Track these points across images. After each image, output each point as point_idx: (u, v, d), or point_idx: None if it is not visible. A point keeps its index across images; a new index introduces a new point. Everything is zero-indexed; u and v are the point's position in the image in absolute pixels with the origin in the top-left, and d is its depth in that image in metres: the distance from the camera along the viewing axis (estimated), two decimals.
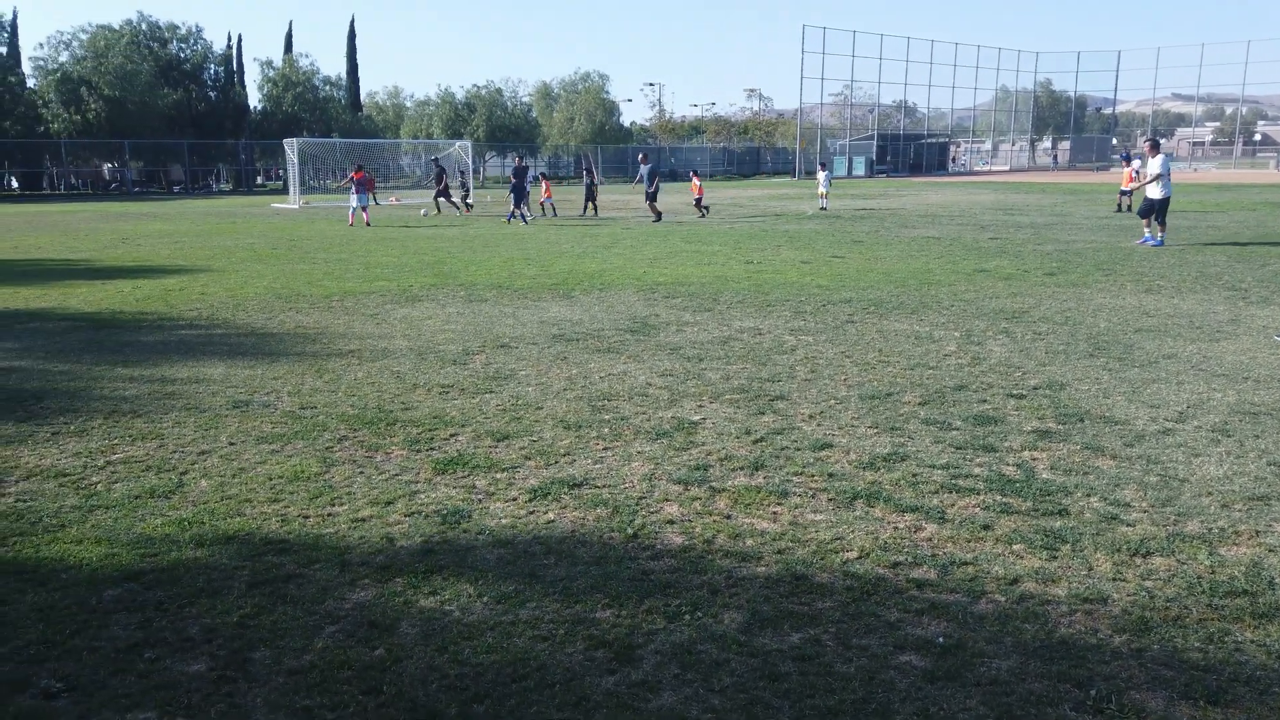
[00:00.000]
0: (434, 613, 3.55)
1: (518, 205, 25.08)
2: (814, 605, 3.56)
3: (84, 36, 50.80)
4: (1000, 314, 9.99)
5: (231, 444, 5.70)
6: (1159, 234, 17.01)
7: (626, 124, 79.49)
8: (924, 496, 4.68)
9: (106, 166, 55.67)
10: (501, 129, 66.44)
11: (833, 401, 6.52)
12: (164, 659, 3.23)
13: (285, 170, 57.59)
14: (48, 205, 38.53)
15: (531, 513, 4.55)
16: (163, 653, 3.27)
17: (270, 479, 5.06)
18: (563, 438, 5.76)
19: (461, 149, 38.89)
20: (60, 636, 3.38)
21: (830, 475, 5.00)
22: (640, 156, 27.01)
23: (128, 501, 4.73)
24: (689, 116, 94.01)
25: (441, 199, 29.66)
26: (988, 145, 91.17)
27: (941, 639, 3.28)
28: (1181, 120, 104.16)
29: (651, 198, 25.46)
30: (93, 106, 47.85)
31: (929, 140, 79.34)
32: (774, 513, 4.50)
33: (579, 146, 69.85)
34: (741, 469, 5.12)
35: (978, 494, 4.70)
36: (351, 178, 25.69)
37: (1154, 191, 16.81)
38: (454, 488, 4.91)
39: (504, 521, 4.45)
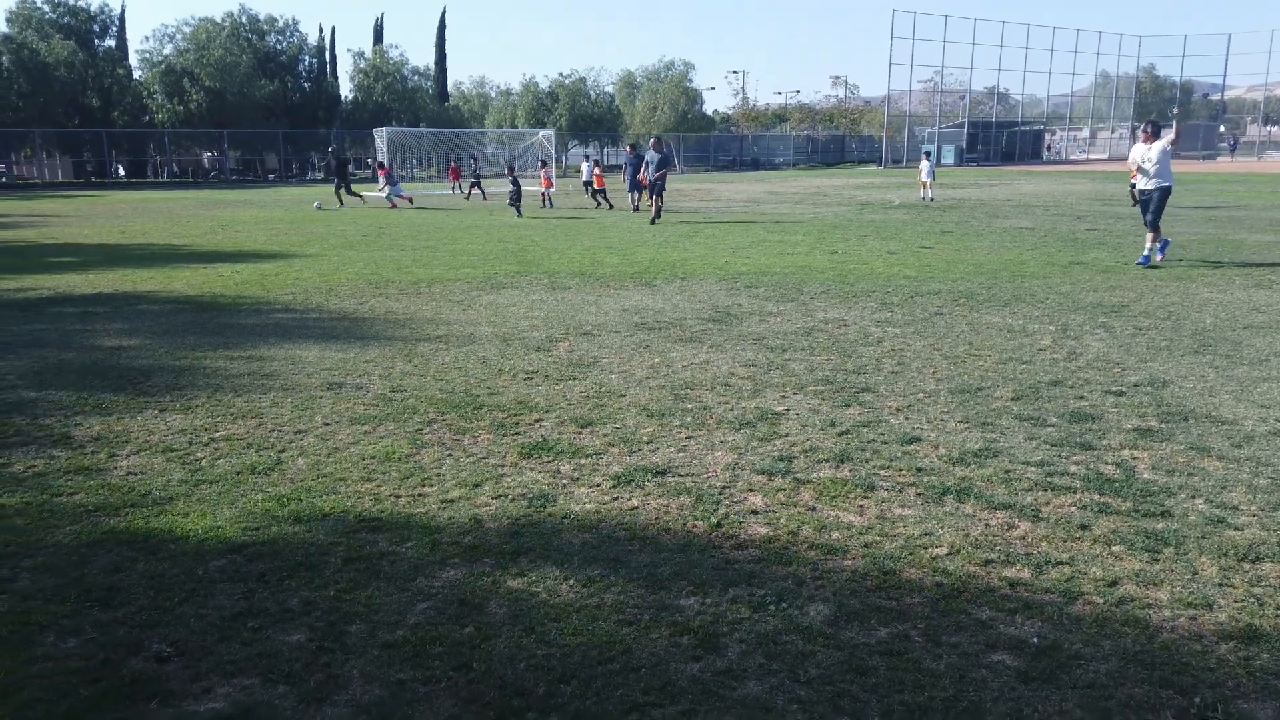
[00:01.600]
0: (521, 594, 3.61)
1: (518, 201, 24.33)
2: (902, 601, 3.51)
3: (187, 29, 52.87)
4: (1098, 308, 9.65)
5: (326, 424, 5.88)
6: (1149, 244, 13.07)
7: (709, 113, 79.03)
8: (1017, 494, 4.56)
9: (206, 155, 57.93)
10: (584, 118, 66.83)
11: (921, 395, 6.39)
12: (266, 629, 3.36)
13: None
14: (151, 192, 40.27)
15: (615, 499, 4.58)
16: (265, 622, 3.40)
17: (363, 459, 5.21)
18: (646, 425, 5.78)
19: (545, 138, 39.25)
20: (169, 604, 3.55)
21: (919, 470, 4.90)
22: (652, 142, 22.94)
23: (230, 477, 4.92)
24: (772, 104, 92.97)
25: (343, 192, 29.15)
26: (1085, 133, 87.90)
27: (1036, 639, 3.20)
28: None
29: (656, 190, 21.77)
30: (194, 97, 49.78)
31: (1023, 128, 76.91)
32: (860, 506, 4.44)
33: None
34: (826, 461, 5.07)
35: (1074, 492, 4.56)
36: (379, 174, 28.35)
37: (1145, 183, 13.24)
38: (539, 472, 4.98)
39: (588, 507, 4.49)
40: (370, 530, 4.23)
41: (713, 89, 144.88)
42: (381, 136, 35.53)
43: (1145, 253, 13.04)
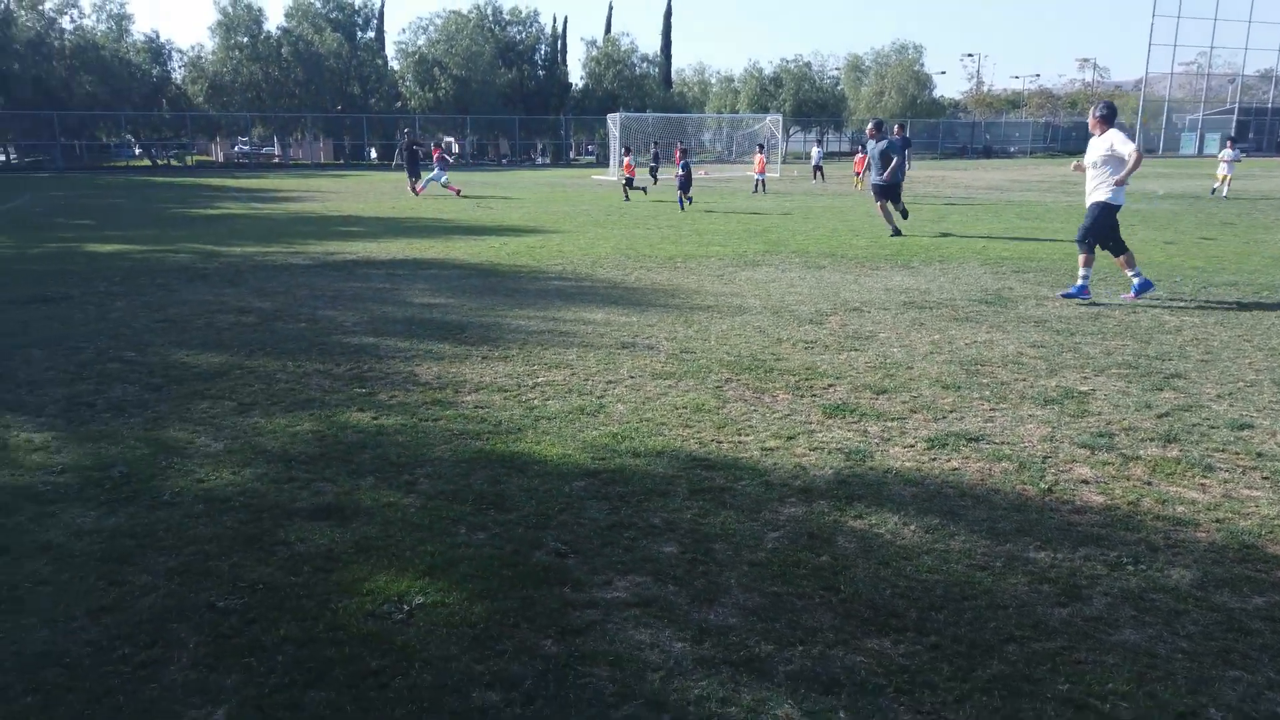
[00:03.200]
0: (865, 533, 3.81)
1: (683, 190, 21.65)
2: (1272, 574, 3.42)
3: (438, 21, 56.77)
4: None
5: (631, 377, 6.32)
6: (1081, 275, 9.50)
7: (944, 96, 75.96)
8: None
9: (447, 140, 62.08)
10: (808, 103, 66.05)
11: (1241, 384, 6.04)
12: (639, 539, 3.75)
13: (596, 145, 61.61)
14: (403, 174, 43.62)
15: (933, 460, 4.69)
16: (637, 535, 3.79)
17: (675, 408, 5.58)
18: (943, 396, 5.82)
19: (772, 123, 39.23)
20: (550, 513, 4.01)
21: (1259, 455, 4.68)
22: (869, 128, 15.67)
23: (563, 415, 5.43)
24: (1009, 89, 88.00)
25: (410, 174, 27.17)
26: None
27: None
28: None
29: (885, 192, 15.14)
30: (443, 85, 53.43)
31: None
32: (1201, 485, 4.31)
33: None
34: (1151, 440, 4.93)
35: None
36: (433, 154, 27.22)
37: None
38: (848, 431, 5.15)
39: (907, 465, 4.62)
40: (704, 468, 4.57)
41: (943, 73, 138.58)
42: (615, 122, 36.76)
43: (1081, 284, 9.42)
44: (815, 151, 33.08)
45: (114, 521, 3.91)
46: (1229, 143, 25.33)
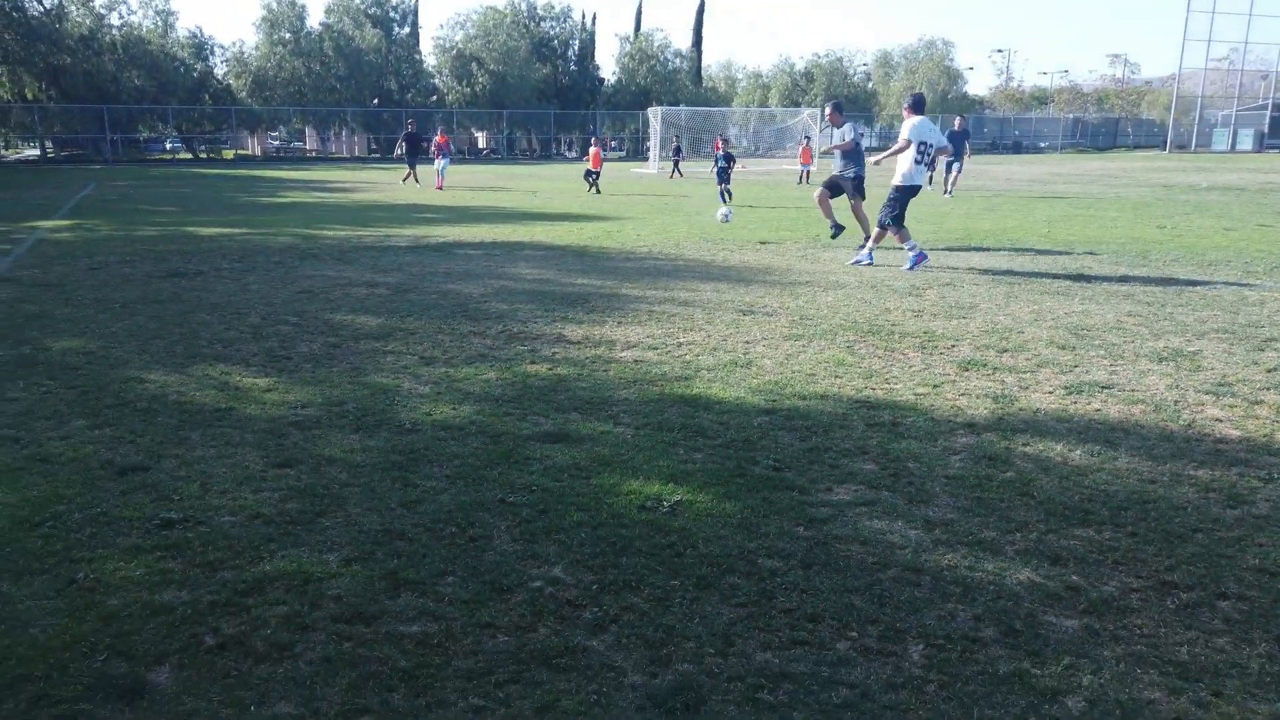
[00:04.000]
0: (1037, 456, 4.33)
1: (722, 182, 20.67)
2: None
3: (475, 17, 57.44)
4: None
5: (765, 338, 6.86)
6: (902, 242, 10.55)
7: (970, 93, 75.97)
8: None
9: (480, 134, 62.84)
10: (839, 98, 66.23)
11: None
12: (839, 459, 4.29)
13: (627, 140, 62.27)
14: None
15: (1074, 404, 5.20)
16: (835, 456, 4.33)
17: (817, 363, 6.12)
18: (1062, 355, 6.33)
19: (811, 117, 39.63)
20: (750, 439, 4.56)
21: None
22: (829, 112, 13.03)
23: (719, 368, 5.98)
24: (1038, 85, 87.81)
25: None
26: None
27: None
28: None
29: (856, 188, 12.07)
30: (480, 80, 54.12)
31: None
32: None
33: None
34: (1267, 389, 5.43)
35: None
36: (436, 142, 26.27)
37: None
38: (985, 381, 5.67)
39: (1052, 407, 5.14)
40: (868, 408, 5.10)
41: (972, 69, 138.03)
42: (656, 116, 37.34)
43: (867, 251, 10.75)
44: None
45: (375, 443, 4.50)
46: None
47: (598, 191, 23.85)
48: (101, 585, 3.09)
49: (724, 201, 19.79)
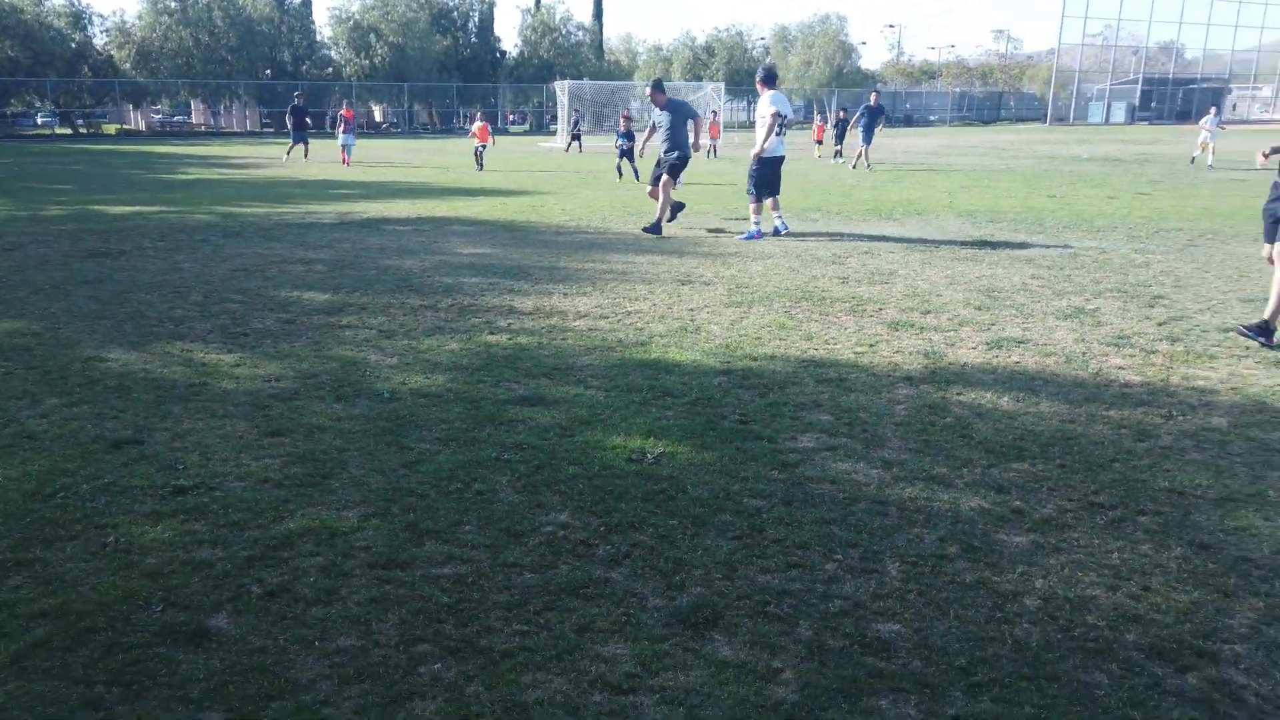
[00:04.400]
0: (970, 404, 4.82)
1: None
2: None
3: None
4: None
5: (706, 306, 7.23)
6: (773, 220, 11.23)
7: (863, 67, 77.87)
8: None
9: (378, 108, 61.37)
10: (740, 73, 67.02)
11: (1214, 301, 7.27)
12: (798, 412, 4.68)
13: (529, 114, 61.84)
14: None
15: (995, 357, 5.74)
16: (794, 409, 4.73)
17: (760, 327, 6.52)
18: (978, 315, 6.89)
19: (715, 90, 40.16)
20: (713, 397, 4.92)
21: (1247, 348, 5.87)
22: (650, 92, 11.85)
23: (671, 334, 6.32)
24: (927, 60, 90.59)
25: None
26: (1266, 92, 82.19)
27: None
28: None
29: (673, 170, 11.56)
30: (379, 51, 52.80)
31: (1201, 85, 72.69)
32: (1210, 368, 5.46)
33: (814, 91, 69.46)
34: (1160, 340, 6.08)
35: None
36: (342, 115, 25.28)
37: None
38: (915, 340, 6.17)
39: (976, 361, 5.66)
40: (815, 366, 5.53)
41: (864, 43, 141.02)
42: (563, 89, 37.24)
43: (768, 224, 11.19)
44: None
45: (359, 410, 4.69)
46: (1212, 110, 24.06)
47: (480, 167, 22.65)
48: (135, 547, 3.24)
49: (620, 177, 19.66)
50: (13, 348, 5.88)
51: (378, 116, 61.19)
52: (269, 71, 53.95)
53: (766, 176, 11.02)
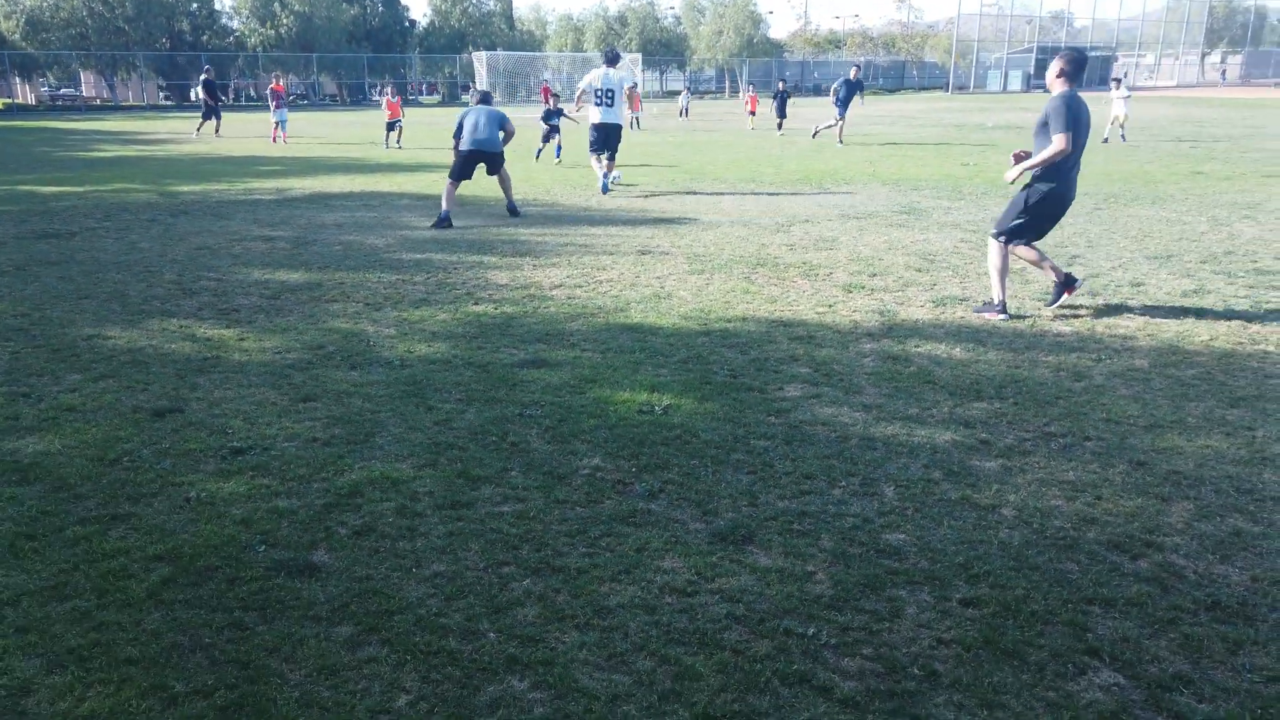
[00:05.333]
0: (928, 354, 5.42)
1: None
2: (1194, 359, 5.27)
3: None
4: (1235, 205, 11.16)
5: (671, 274, 7.70)
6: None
7: (771, 36, 78.93)
8: (1239, 312, 6.27)
9: (285, 80, 59.74)
10: (653, 43, 67.30)
11: (1124, 259, 8.07)
12: (779, 366, 5.20)
13: (441, 85, 61.05)
14: (248, 114, 42.10)
15: (942, 314, 6.37)
16: (775, 364, 5.24)
17: (725, 292, 7.02)
18: (920, 276, 7.53)
19: (631, 61, 40.39)
20: (700, 355, 5.40)
21: (1156, 300, 6.63)
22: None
23: (645, 300, 6.77)
24: (832, 30, 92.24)
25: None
26: (1150, 60, 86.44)
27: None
28: None
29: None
30: (284, 21, 51.31)
31: (1090, 53, 75.91)
32: (1128, 317, 6.19)
33: (725, 61, 70.17)
34: (1081, 294, 6.80)
35: None
36: (272, 89, 24.04)
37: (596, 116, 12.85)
38: (868, 300, 6.77)
39: (927, 317, 6.28)
40: (784, 326, 6.06)
41: (772, 13, 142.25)
42: (481, 61, 36.99)
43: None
44: (684, 94, 35.40)
45: (376, 377, 5.02)
46: (1116, 84, 22.51)
47: (399, 145, 21.81)
48: (217, 500, 3.57)
49: (537, 159, 18.32)
50: (8, 329, 5.99)
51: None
52: (167, 42, 51.96)
53: (600, 138, 12.86)
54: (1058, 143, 5.97)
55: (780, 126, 25.94)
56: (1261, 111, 34.32)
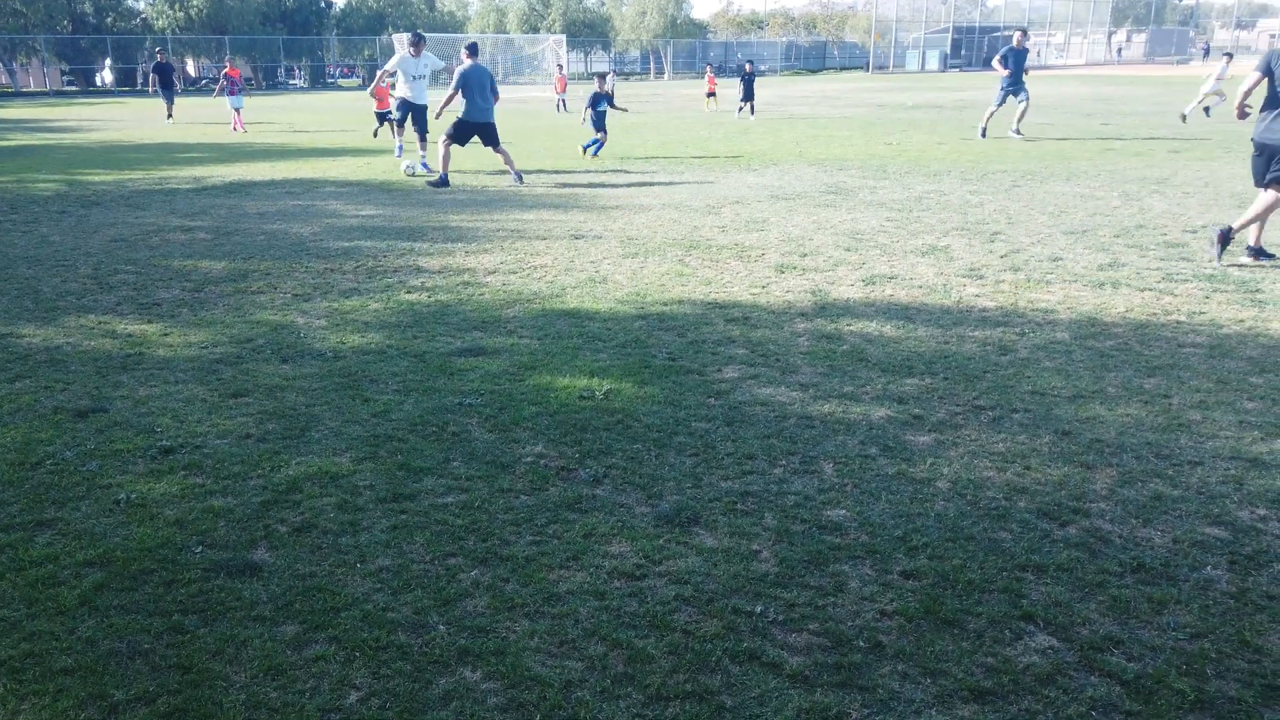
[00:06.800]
0: (860, 333, 5.53)
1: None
2: (1111, 331, 5.48)
3: None
4: (1145, 180, 11.59)
5: (605, 258, 7.69)
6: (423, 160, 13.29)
7: (694, 17, 78.97)
8: (1151, 284, 6.53)
9: (194, 63, 57.61)
10: (577, 24, 66.74)
11: (1042, 235, 8.33)
12: (717, 348, 5.25)
13: (361, 68, 59.54)
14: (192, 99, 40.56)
15: (872, 292, 6.50)
16: (712, 345, 5.29)
17: (660, 275, 7.05)
18: (849, 255, 7.66)
19: (556, 43, 40.04)
20: (639, 339, 5.42)
21: (1073, 274, 6.87)
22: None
23: (581, 285, 6.76)
24: (755, 10, 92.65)
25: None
26: (1059, 39, 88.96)
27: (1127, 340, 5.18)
28: (1265, 10, 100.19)
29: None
30: (194, 2, 49.47)
31: (1004, 33, 77.76)
32: (1047, 292, 6.40)
33: (649, 42, 70.03)
34: (1005, 270, 7.01)
35: (1190, 282, 6.54)
36: (226, 74, 22.80)
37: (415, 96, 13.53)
38: (800, 280, 6.86)
39: (857, 296, 6.40)
40: (720, 308, 6.12)
41: None
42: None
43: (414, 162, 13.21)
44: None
45: (309, 369, 4.92)
46: (1226, 56, 21.73)
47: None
48: (149, 501, 3.47)
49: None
50: None
51: (192, 72, 57.48)
52: (69, 24, 49.67)
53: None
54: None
55: (750, 110, 24.96)
56: (1166, 89, 35.60)
